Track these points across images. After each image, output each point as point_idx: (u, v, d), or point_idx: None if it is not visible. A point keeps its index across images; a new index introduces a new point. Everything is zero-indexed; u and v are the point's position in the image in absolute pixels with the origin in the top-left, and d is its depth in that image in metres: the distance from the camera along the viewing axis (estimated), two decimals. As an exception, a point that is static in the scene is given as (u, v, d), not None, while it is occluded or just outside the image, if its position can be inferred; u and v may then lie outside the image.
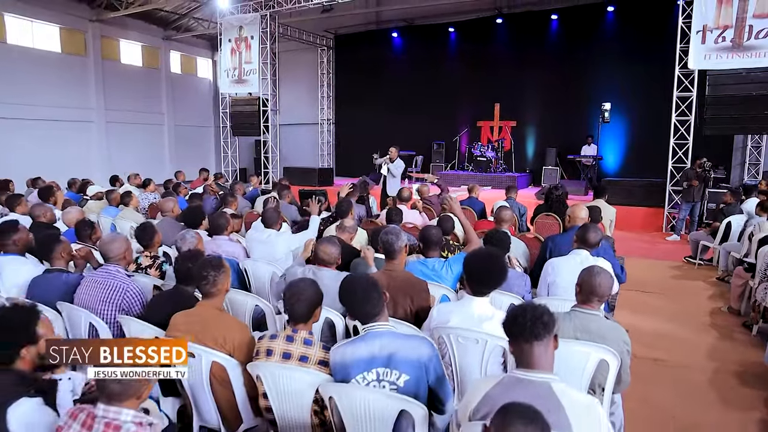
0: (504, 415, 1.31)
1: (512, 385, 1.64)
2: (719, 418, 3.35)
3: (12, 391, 1.68)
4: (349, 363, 1.96)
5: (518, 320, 1.69)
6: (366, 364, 1.94)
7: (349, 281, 2.13)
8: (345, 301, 2.11)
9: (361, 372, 1.94)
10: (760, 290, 4.53)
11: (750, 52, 8.71)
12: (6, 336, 1.77)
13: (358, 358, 1.95)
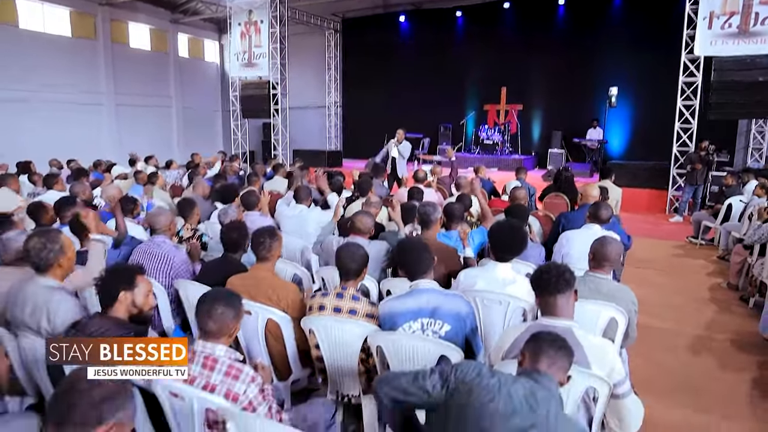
0: (536, 341, 1.61)
1: (539, 330, 1.94)
2: (715, 377, 3.68)
3: (116, 332, 2.00)
4: (396, 314, 2.27)
5: (544, 276, 1.99)
6: (413, 314, 2.25)
7: (408, 241, 2.46)
8: (401, 258, 2.42)
9: (407, 321, 2.25)
10: (757, 266, 4.83)
11: (756, 38, 8.88)
12: (112, 279, 2.09)
13: (407, 309, 2.26)
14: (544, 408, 1.42)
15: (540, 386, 1.48)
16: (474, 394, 1.48)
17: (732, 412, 3.23)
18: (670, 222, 9.50)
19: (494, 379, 1.51)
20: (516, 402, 1.43)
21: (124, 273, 2.16)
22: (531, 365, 1.59)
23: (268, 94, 14.51)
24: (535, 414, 1.41)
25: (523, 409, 1.42)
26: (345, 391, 2.54)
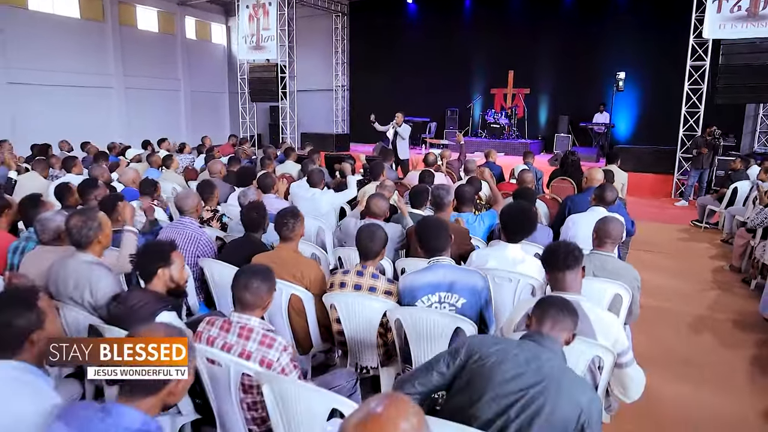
0: (542, 304, 1.77)
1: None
2: (715, 354, 3.83)
3: (156, 304, 2.16)
4: (416, 287, 2.43)
5: (554, 254, 2.14)
6: (432, 288, 2.40)
7: (428, 219, 2.61)
8: (421, 235, 2.57)
9: (426, 294, 2.41)
10: (759, 248, 4.95)
11: (765, 21, 8.89)
12: (150, 258, 2.25)
13: (426, 283, 2.42)
14: (549, 366, 1.58)
15: (543, 348, 1.65)
16: (483, 361, 1.64)
17: (731, 386, 3.39)
18: (676, 206, 9.59)
19: (500, 345, 1.67)
20: (522, 362, 1.59)
21: (160, 251, 2.31)
22: (536, 327, 1.75)
23: (276, 77, 14.56)
24: (541, 372, 1.57)
25: (529, 368, 1.58)
26: (364, 363, 2.71)
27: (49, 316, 1.58)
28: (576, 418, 1.51)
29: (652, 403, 3.11)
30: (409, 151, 9.54)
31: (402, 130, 9.17)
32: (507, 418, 1.52)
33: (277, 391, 1.78)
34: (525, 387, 1.54)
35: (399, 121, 9.19)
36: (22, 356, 1.48)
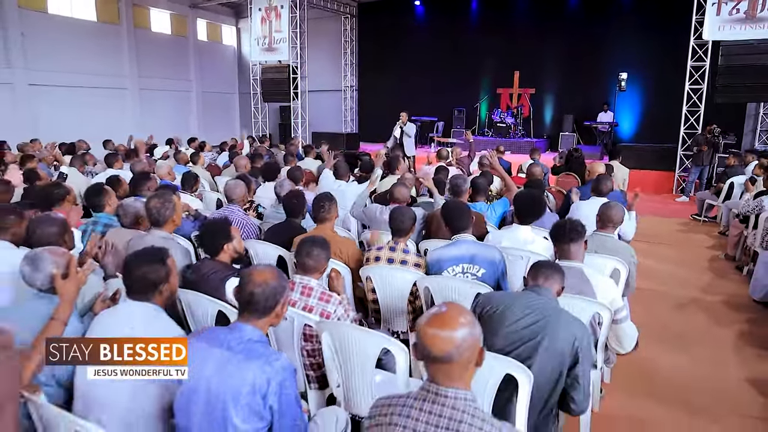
0: (534, 266, 2.22)
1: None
2: (705, 329, 4.23)
3: (225, 272, 2.58)
4: (443, 259, 2.84)
5: (562, 228, 2.55)
6: (455, 260, 2.81)
7: (453, 202, 3.03)
8: (447, 215, 2.98)
9: (451, 265, 2.81)
10: (750, 237, 5.33)
11: (763, 23, 9.22)
12: (215, 235, 2.67)
13: (451, 256, 2.83)
14: (547, 307, 2.03)
15: (541, 295, 2.09)
16: (494, 309, 2.09)
17: (719, 356, 3.78)
18: (677, 202, 9.94)
19: (506, 296, 2.14)
20: (525, 306, 2.04)
21: (221, 229, 2.72)
22: (532, 283, 2.18)
23: (288, 78, 14.97)
24: (541, 312, 2.01)
25: (532, 310, 2.02)
26: (395, 329, 3.11)
27: (173, 273, 1.99)
28: (571, 345, 1.93)
29: (648, 369, 3.51)
30: (414, 149, 9.97)
31: (408, 129, 9.60)
32: (517, 348, 1.94)
33: (335, 336, 2.19)
34: (529, 324, 1.98)
35: (404, 120, 9.64)
36: (154, 300, 1.89)
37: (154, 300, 1.87)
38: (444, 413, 1.26)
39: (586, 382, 1.94)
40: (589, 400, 2.04)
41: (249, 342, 1.59)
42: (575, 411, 1.99)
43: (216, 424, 1.53)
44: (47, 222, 2.44)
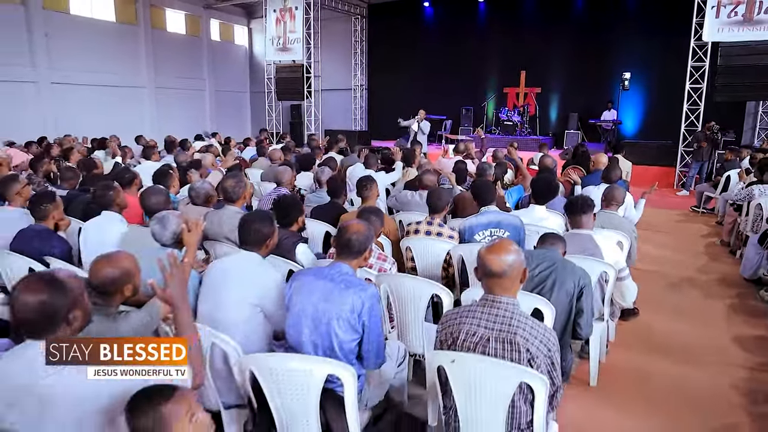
0: (542, 236, 2.73)
1: (570, 236, 3.01)
2: (699, 301, 4.76)
3: (294, 238, 3.10)
4: (474, 226, 3.38)
5: (575, 202, 3.08)
6: (484, 226, 3.35)
7: (482, 181, 3.56)
8: (476, 191, 3.51)
9: (481, 230, 3.35)
10: (742, 222, 5.83)
11: (759, 25, 9.69)
12: (292, 209, 3.19)
13: (480, 222, 3.37)
14: (555, 259, 2.59)
15: (549, 251, 2.64)
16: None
17: (711, 321, 4.29)
18: (678, 195, 10.43)
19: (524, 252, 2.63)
20: (539, 257, 2.60)
21: (297, 205, 3.25)
22: (540, 246, 2.73)
23: (302, 77, 15.47)
24: (551, 261, 2.57)
25: (544, 261, 2.57)
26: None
27: (275, 233, 2.51)
28: (575, 285, 2.47)
29: (648, 332, 4.02)
30: (427, 146, 10.50)
31: (423, 126, 10.13)
32: (536, 289, 2.47)
33: (392, 286, 2.71)
34: (543, 269, 2.53)
35: (422, 117, 10.16)
36: (260, 252, 2.42)
37: (260, 251, 2.40)
38: (499, 314, 1.78)
39: (588, 312, 2.51)
40: (591, 327, 2.58)
41: (346, 275, 2.12)
42: (582, 335, 2.53)
43: (322, 336, 2.05)
44: (156, 192, 2.97)
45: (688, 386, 3.25)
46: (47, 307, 1.43)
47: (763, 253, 5.00)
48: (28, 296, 1.42)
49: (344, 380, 1.83)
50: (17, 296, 1.43)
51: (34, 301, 1.42)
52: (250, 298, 2.28)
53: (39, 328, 1.45)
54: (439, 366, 1.84)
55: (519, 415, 1.76)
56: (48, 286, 1.44)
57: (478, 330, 1.79)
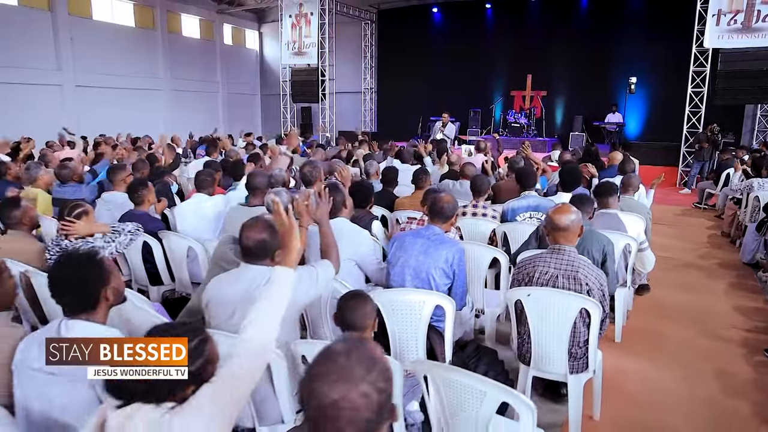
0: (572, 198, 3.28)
1: (599, 215, 3.61)
2: (702, 280, 5.37)
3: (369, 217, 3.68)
4: (516, 208, 3.98)
5: (603, 186, 3.66)
6: (525, 208, 3.94)
7: (522, 167, 4.14)
8: (519, 176, 4.12)
9: (521, 212, 3.94)
10: (741, 213, 6.44)
11: (757, 33, 10.28)
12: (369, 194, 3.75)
13: (521, 205, 3.97)
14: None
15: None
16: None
17: (711, 294, 4.91)
18: (680, 194, 11.03)
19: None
20: None
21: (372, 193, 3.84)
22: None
23: (317, 80, 16.06)
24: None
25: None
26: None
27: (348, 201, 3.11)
28: (601, 252, 2.99)
29: (660, 304, 4.61)
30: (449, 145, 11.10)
31: (447, 130, 10.73)
32: None
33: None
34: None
35: (444, 121, 10.76)
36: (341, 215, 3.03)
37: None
38: (564, 257, 2.37)
39: (612, 273, 3.03)
40: (616, 285, 3.13)
41: (438, 235, 2.72)
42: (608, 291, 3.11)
43: (423, 281, 2.65)
44: (260, 174, 3.58)
45: (698, 343, 3.85)
46: (266, 243, 2.02)
47: (760, 239, 5.59)
48: (254, 233, 2.01)
49: (446, 309, 2.41)
50: (245, 232, 2.02)
51: (257, 237, 2.01)
52: (349, 255, 2.86)
53: (253, 257, 2.04)
54: (516, 300, 2.43)
55: (579, 334, 2.35)
56: (268, 228, 2.03)
57: (549, 270, 2.37)
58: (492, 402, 1.61)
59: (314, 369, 0.93)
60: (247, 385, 1.40)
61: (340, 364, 0.91)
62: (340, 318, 1.95)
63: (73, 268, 1.71)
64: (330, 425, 0.88)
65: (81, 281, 1.70)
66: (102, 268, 1.74)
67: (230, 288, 2.03)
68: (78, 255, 1.77)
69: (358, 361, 0.92)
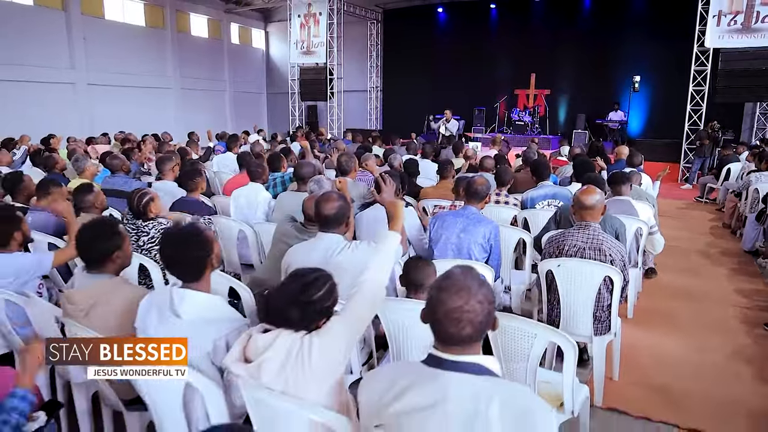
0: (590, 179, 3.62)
1: (613, 201, 3.94)
2: (705, 265, 5.74)
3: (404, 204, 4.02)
4: (534, 197, 4.33)
5: (616, 175, 3.99)
6: (542, 197, 4.29)
7: (539, 159, 4.48)
8: (535, 168, 4.45)
9: (539, 201, 4.29)
10: (742, 205, 6.78)
11: (757, 33, 10.61)
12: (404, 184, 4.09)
13: (539, 194, 4.32)
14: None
15: None
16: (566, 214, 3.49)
17: (713, 277, 5.28)
18: (682, 189, 11.37)
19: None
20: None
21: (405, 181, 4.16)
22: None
23: (325, 79, 16.37)
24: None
25: None
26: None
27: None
28: (614, 233, 3.31)
29: (667, 286, 4.95)
30: None
31: (451, 125, 11.07)
32: None
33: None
34: None
35: (448, 117, 11.11)
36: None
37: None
38: (590, 232, 2.71)
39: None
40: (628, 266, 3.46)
41: (475, 214, 3.06)
42: None
43: (463, 256, 2.99)
44: (307, 165, 3.93)
45: (704, 319, 4.20)
46: (339, 211, 2.36)
47: (759, 228, 5.94)
48: (330, 204, 2.35)
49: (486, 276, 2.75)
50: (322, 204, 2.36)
51: (333, 207, 2.35)
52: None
53: (332, 225, 2.38)
54: (548, 270, 2.76)
55: (602, 300, 2.69)
56: (340, 199, 2.37)
57: (577, 243, 2.71)
58: (541, 342, 1.95)
59: (440, 284, 1.27)
60: (366, 316, 1.74)
61: (461, 281, 1.25)
62: (406, 277, 2.30)
63: (180, 243, 1.90)
64: (455, 325, 1.22)
65: (188, 254, 1.88)
66: (205, 240, 1.96)
67: (309, 254, 2.36)
68: (184, 231, 1.96)
69: (472, 280, 1.26)
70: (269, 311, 1.57)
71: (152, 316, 1.89)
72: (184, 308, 1.81)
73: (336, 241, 2.37)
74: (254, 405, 1.54)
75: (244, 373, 1.51)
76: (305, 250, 2.42)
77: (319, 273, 1.66)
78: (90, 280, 2.08)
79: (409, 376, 1.27)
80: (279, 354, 1.49)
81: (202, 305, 1.85)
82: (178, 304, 1.82)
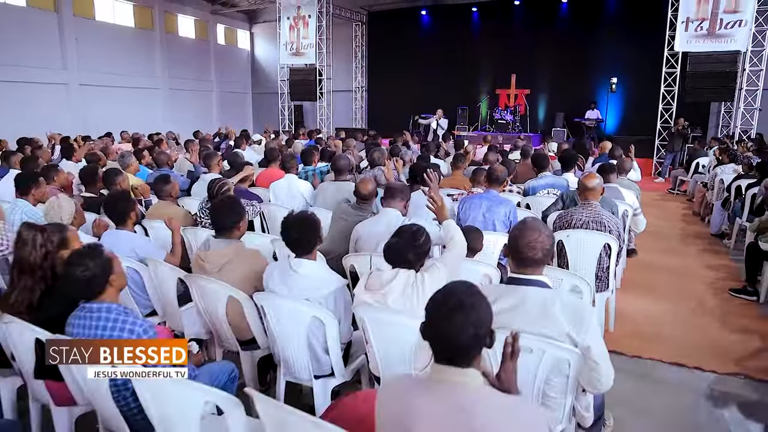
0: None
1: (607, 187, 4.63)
2: (680, 246, 6.53)
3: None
4: (535, 186, 5.00)
5: (604, 166, 4.70)
6: (542, 186, 4.97)
7: (538, 153, 5.16)
8: (535, 161, 5.12)
9: (540, 189, 4.96)
10: (708, 195, 7.61)
11: (721, 38, 11.50)
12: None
13: (540, 184, 4.99)
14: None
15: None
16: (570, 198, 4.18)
17: (690, 258, 6.04)
18: (655, 182, 12.26)
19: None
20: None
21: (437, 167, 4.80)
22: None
23: (315, 80, 16.86)
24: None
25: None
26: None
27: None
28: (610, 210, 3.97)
29: (647, 264, 5.70)
30: None
31: (442, 122, 11.76)
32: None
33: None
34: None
35: (440, 116, 11.78)
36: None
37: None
38: (593, 210, 3.39)
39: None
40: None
41: (496, 196, 3.72)
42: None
43: (489, 227, 3.62)
44: (343, 158, 4.53)
45: (679, 287, 4.97)
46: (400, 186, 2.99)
47: (724, 214, 6.75)
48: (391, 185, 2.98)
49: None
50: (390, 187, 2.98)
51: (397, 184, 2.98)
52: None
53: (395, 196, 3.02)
54: (559, 240, 3.43)
55: (603, 262, 3.37)
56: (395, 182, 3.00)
57: (582, 218, 3.39)
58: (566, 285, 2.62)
59: (520, 227, 1.93)
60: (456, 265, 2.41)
61: (534, 223, 1.90)
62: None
63: (298, 224, 2.51)
64: (531, 250, 1.87)
65: (303, 233, 2.50)
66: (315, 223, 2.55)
67: (375, 227, 2.99)
68: (300, 216, 2.56)
69: (540, 225, 1.91)
70: (390, 256, 2.19)
71: (275, 276, 2.53)
72: (302, 269, 2.45)
73: (395, 216, 2.99)
74: (374, 324, 2.15)
75: (371, 300, 2.12)
76: (372, 223, 3.04)
77: (418, 225, 2.29)
78: (221, 244, 2.67)
79: (494, 293, 1.90)
80: (399, 284, 2.12)
81: (314, 266, 2.52)
82: (296, 267, 2.47)
